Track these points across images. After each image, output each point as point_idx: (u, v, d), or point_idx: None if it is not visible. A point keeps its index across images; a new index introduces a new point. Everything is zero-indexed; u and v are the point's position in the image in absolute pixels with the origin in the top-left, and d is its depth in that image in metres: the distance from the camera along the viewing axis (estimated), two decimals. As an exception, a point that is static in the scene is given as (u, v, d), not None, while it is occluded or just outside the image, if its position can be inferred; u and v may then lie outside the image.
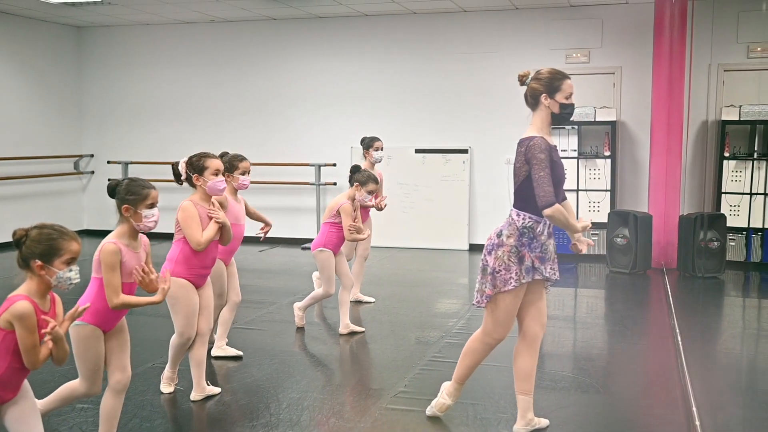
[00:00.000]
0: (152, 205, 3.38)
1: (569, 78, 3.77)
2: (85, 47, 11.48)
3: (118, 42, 11.32)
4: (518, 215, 3.69)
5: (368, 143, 6.79)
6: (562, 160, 3.86)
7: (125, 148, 11.29)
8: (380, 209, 6.44)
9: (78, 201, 11.26)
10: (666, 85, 8.48)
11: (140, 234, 3.45)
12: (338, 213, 5.67)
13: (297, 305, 6.10)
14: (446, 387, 4.11)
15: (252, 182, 5.54)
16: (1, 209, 10.03)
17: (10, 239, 2.87)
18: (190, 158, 4.32)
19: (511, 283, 3.68)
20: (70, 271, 2.82)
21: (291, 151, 10.59)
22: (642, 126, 9.22)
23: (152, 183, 3.50)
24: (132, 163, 10.94)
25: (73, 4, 9.50)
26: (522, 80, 3.83)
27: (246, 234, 5.23)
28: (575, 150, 9.07)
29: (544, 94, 3.73)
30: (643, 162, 9.22)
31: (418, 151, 10.17)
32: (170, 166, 4.41)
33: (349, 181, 5.79)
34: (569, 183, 8.90)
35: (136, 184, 3.40)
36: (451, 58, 9.96)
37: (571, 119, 3.91)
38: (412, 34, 10.08)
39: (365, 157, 6.81)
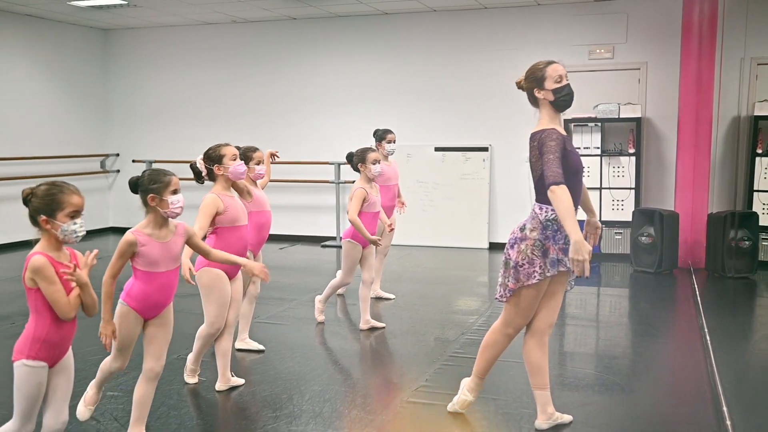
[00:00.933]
0: (176, 191, 3.45)
1: (553, 62, 3.73)
2: (112, 49, 11.60)
3: (143, 44, 11.42)
4: (540, 209, 3.65)
5: (381, 135, 6.78)
6: (584, 158, 3.82)
7: (150, 148, 11.38)
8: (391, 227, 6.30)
9: (104, 199, 11.37)
10: (694, 80, 8.35)
11: (176, 223, 3.51)
12: (361, 202, 5.65)
13: (318, 298, 6.14)
14: (466, 383, 4.08)
15: (272, 180, 5.56)
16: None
17: (38, 237, 2.96)
18: (206, 152, 4.38)
19: (535, 276, 3.64)
20: (75, 224, 2.89)
21: (311, 149, 10.61)
22: (668, 122, 9.11)
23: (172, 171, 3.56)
24: (156, 162, 11.00)
25: (100, 7, 9.60)
26: (519, 86, 3.84)
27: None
28: (598, 147, 8.98)
29: (535, 89, 3.72)
30: (670, 159, 9.11)
31: (437, 149, 10.13)
32: (189, 166, 4.43)
33: (354, 168, 5.78)
34: (592, 181, 8.84)
35: (157, 173, 3.48)
36: (471, 56, 9.92)
37: (596, 116, 3.86)
38: (433, 31, 10.05)
39: (377, 149, 6.80)
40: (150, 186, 3.42)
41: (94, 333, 3.93)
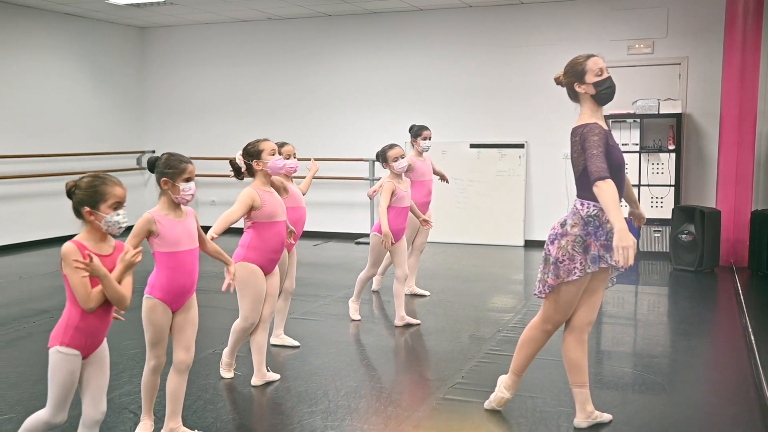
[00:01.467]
0: (189, 179, 3.45)
1: (593, 55, 3.68)
2: (148, 47, 11.72)
3: (179, 41, 11.51)
4: (582, 204, 3.59)
5: (416, 132, 6.73)
6: (623, 154, 3.75)
7: (185, 144, 11.46)
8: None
9: (140, 195, 11.47)
10: (738, 75, 8.14)
11: (186, 209, 3.53)
12: (390, 195, 5.64)
13: (351, 300, 6.13)
14: (503, 380, 4.02)
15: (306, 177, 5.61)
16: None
17: (77, 231, 2.99)
18: (245, 147, 4.36)
19: (575, 273, 3.58)
20: (118, 215, 2.92)
21: (345, 146, 10.60)
22: (710, 118, 8.92)
23: (190, 158, 3.58)
24: (192, 158, 11.08)
25: (137, 5, 9.69)
26: (558, 82, 3.77)
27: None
28: (637, 144, 8.84)
29: (575, 83, 3.66)
30: (711, 155, 8.93)
31: (473, 146, 10.06)
32: (228, 162, 4.42)
33: (384, 166, 5.79)
34: (630, 178, 8.57)
35: (174, 159, 3.49)
36: (507, 52, 9.83)
37: (635, 113, 3.80)
38: (468, 27, 9.98)
39: (413, 146, 6.75)
40: (165, 170, 3.44)
41: (131, 327, 3.96)
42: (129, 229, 3.09)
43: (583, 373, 3.77)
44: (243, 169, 4.37)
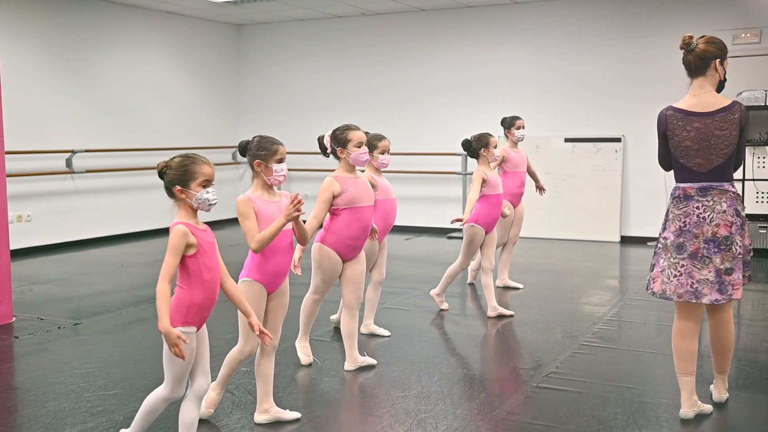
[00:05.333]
0: (281, 160, 3.50)
1: None
2: (244, 44, 12.03)
3: (274, 38, 11.76)
4: (732, 186, 3.63)
5: (509, 122, 6.67)
6: None
7: (280, 139, 11.69)
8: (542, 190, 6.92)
9: (235, 189, 11.78)
10: None
11: (280, 192, 3.58)
12: (481, 182, 5.59)
13: (433, 292, 6.05)
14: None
15: (399, 171, 5.55)
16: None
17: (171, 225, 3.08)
18: (334, 131, 4.35)
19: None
20: (207, 192, 3.02)
21: (437, 141, 10.58)
22: (819, 110, 8.49)
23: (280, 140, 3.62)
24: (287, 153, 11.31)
25: (235, 2, 9.96)
26: (688, 44, 3.64)
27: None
28: (741, 137, 8.47)
29: (718, 59, 3.54)
30: (820, 149, 8.49)
31: (567, 140, 9.87)
32: (316, 140, 4.45)
33: (473, 156, 5.74)
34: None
35: (266, 140, 3.55)
36: (604, 44, 9.60)
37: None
38: (563, 20, 9.80)
39: (507, 137, 6.68)
40: (258, 152, 3.49)
41: (227, 314, 4.05)
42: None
43: (694, 361, 3.68)
44: (328, 150, 4.39)
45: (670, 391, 3.98)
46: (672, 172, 3.72)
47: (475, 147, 5.67)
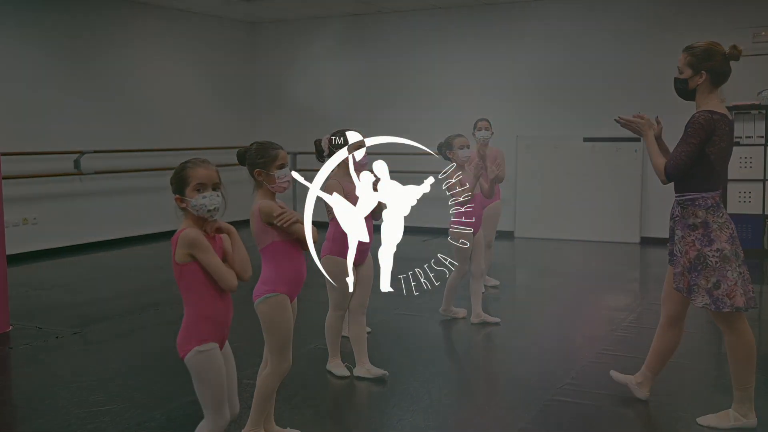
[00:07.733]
0: (282, 166, 3.28)
1: None
2: (257, 42, 11.96)
3: (288, 36, 11.68)
4: None
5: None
6: (746, 147, 3.67)
7: (294, 139, 11.57)
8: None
9: (250, 189, 11.72)
10: None
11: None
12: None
13: (441, 310, 5.80)
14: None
15: (414, 172, 5.46)
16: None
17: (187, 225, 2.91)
18: (334, 134, 4.19)
19: None
20: (204, 198, 2.77)
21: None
22: (843, 108, 8.28)
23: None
24: (300, 153, 11.22)
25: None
26: (739, 54, 3.59)
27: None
28: (762, 137, 8.32)
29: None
30: None
31: (586, 139, 9.72)
32: (313, 142, 4.33)
33: (449, 154, 5.50)
34: (754, 172, 8.29)
35: (264, 146, 3.31)
36: (624, 42, 9.44)
37: (760, 103, 3.66)
38: (583, 17, 9.66)
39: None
40: (257, 160, 3.27)
41: (248, 327, 3.90)
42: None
43: None
44: (325, 153, 4.22)
45: (689, 404, 3.85)
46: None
47: (443, 150, 5.50)
